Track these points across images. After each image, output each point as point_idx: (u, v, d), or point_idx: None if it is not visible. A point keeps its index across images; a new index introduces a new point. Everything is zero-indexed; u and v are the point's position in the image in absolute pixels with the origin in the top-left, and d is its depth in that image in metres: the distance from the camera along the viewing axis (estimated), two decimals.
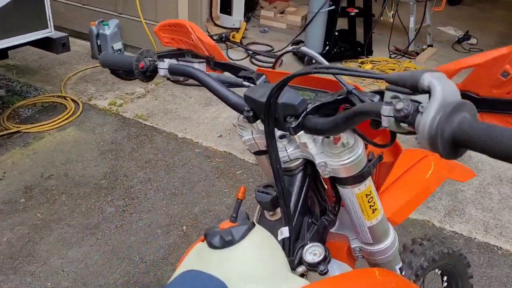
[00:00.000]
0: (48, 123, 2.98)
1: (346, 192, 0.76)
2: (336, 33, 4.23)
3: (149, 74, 0.93)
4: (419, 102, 0.52)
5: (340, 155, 0.70)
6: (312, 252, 0.74)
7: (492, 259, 2.22)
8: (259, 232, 0.72)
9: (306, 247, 0.75)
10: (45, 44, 2.86)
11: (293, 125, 0.68)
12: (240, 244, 0.68)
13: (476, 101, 0.59)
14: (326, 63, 0.72)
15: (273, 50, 4.49)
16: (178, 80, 0.93)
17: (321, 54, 4.15)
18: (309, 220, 0.80)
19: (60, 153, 2.76)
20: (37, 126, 2.96)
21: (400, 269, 0.91)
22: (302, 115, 0.68)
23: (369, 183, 0.75)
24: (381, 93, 0.68)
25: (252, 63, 4.22)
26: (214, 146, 2.92)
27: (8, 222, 2.25)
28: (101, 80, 3.65)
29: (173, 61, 0.92)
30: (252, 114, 0.74)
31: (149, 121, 3.15)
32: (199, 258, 0.71)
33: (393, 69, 4.19)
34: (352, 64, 4.31)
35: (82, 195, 2.45)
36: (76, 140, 2.89)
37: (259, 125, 0.78)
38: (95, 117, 3.15)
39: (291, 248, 0.76)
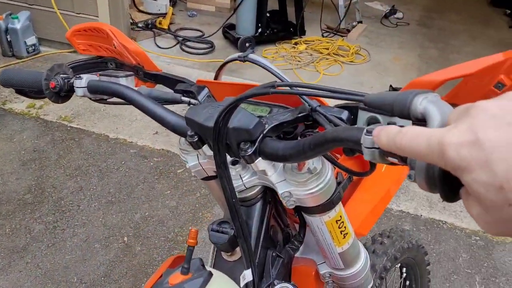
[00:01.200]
0: None
1: (314, 221, 0.65)
2: (268, 14, 4.12)
3: (64, 94, 0.76)
4: None
5: (307, 184, 0.59)
6: None
7: (439, 235, 2.26)
8: (218, 282, 0.59)
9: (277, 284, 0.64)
10: None
11: (249, 153, 0.56)
12: None
13: None
14: (284, 77, 0.60)
15: (203, 35, 4.29)
16: (101, 99, 0.77)
17: (254, 37, 4.03)
18: (273, 254, 0.69)
19: None
20: None
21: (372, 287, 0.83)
22: (260, 138, 0.56)
23: (339, 208, 0.65)
24: (349, 108, 0.58)
25: (183, 50, 4.01)
26: (150, 144, 2.73)
27: None
28: None
29: (93, 76, 0.76)
30: (197, 139, 0.61)
31: (75, 123, 2.88)
32: None
33: (327, 48, 4.16)
34: (286, 46, 4.23)
35: (5, 214, 2.18)
36: None
37: (206, 149, 0.65)
38: (12, 123, 2.83)
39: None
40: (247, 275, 0.63)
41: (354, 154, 0.53)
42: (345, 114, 0.57)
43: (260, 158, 0.58)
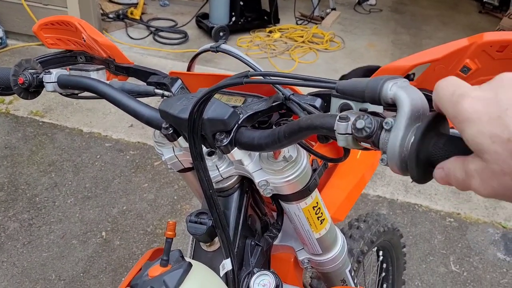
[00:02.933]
0: None
1: (292, 208, 0.66)
2: (241, 3, 4.09)
3: (33, 90, 0.74)
4: (382, 117, 0.43)
5: (283, 171, 0.60)
6: (261, 283, 0.64)
7: (414, 217, 2.31)
8: (198, 273, 0.60)
9: (253, 277, 0.64)
10: None
11: (225, 143, 0.56)
12: None
13: (430, 100, 0.52)
14: (257, 67, 0.60)
15: (176, 25, 4.24)
16: (72, 93, 0.76)
17: (228, 25, 4.00)
18: (252, 243, 0.69)
19: None
20: None
21: (349, 271, 0.85)
22: (235, 128, 0.56)
23: (315, 194, 0.66)
24: (322, 95, 0.58)
25: (156, 40, 3.95)
26: (125, 137, 2.70)
27: None
28: None
29: (63, 71, 0.74)
30: (172, 131, 0.60)
31: (47, 118, 2.82)
32: None
33: (302, 36, 4.17)
34: (260, 34, 4.21)
35: None
36: None
37: (181, 141, 0.64)
38: None
39: (236, 280, 0.65)
40: (227, 265, 0.63)
41: (328, 141, 0.54)
42: (318, 102, 0.57)
43: (236, 148, 0.58)
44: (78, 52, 0.86)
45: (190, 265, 0.59)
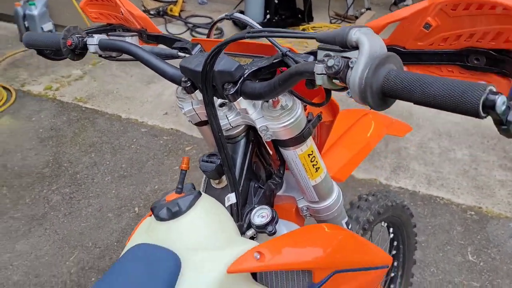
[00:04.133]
0: None
1: (289, 154, 0.77)
2: (276, 1, 4.21)
3: (78, 52, 0.88)
4: (349, 58, 0.53)
5: (280, 118, 0.71)
6: (260, 215, 0.75)
7: (435, 209, 2.35)
8: (206, 201, 0.71)
9: (254, 210, 0.76)
10: None
11: (231, 92, 0.67)
12: (188, 214, 0.68)
13: (402, 54, 0.61)
14: (258, 27, 0.71)
15: (213, 21, 4.40)
16: (110, 56, 0.89)
17: (262, 23, 4.13)
18: (255, 185, 0.80)
19: None
20: None
21: (346, 223, 0.94)
22: (240, 81, 0.67)
23: (310, 143, 0.77)
24: (314, 53, 0.69)
25: (193, 36, 4.13)
26: (160, 124, 2.87)
27: None
28: (33, 64, 3.45)
29: (103, 36, 0.88)
30: (190, 84, 0.72)
31: (89, 104, 3.03)
32: (148, 231, 0.70)
33: None
34: None
35: (25, 186, 2.34)
36: (12, 130, 2.74)
37: (198, 95, 0.76)
38: (30, 104, 2.99)
39: (239, 213, 0.77)
40: (231, 198, 0.75)
41: (313, 87, 0.64)
42: (311, 58, 0.67)
43: (241, 98, 0.69)
44: (116, 25, 1.00)
45: (200, 193, 0.71)
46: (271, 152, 0.86)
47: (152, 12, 4.36)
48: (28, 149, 2.59)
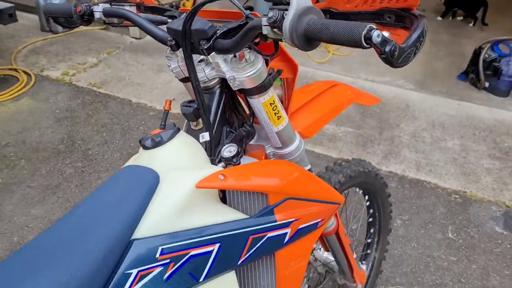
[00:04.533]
0: (1, 95, 3.02)
1: (254, 102, 0.93)
2: None
3: (86, 18, 1.06)
4: (285, 10, 0.70)
5: (245, 69, 0.87)
6: (228, 150, 0.92)
7: (421, 192, 2.49)
8: (184, 136, 0.88)
9: (224, 147, 0.93)
10: None
11: (205, 47, 0.84)
12: (168, 144, 0.85)
13: (336, 14, 0.78)
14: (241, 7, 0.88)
15: None
16: (112, 22, 1.07)
17: None
18: (227, 129, 0.97)
19: (16, 122, 2.83)
20: None
21: (309, 170, 1.10)
22: (213, 39, 0.84)
23: (271, 93, 0.93)
24: None
25: None
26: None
27: None
28: (52, 52, 3.68)
29: (107, 5, 1.06)
30: (174, 43, 0.89)
31: (103, 89, 3.24)
32: (135, 159, 0.88)
33: None
34: None
35: (41, 159, 2.55)
36: (31, 110, 2.96)
37: (181, 54, 0.94)
38: (48, 87, 3.21)
39: (212, 149, 0.93)
40: (205, 136, 0.91)
41: (266, 40, 0.80)
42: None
43: (214, 53, 0.86)
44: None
45: (179, 129, 0.88)
46: (244, 106, 1.03)
47: (166, 6, 4.56)
48: (45, 127, 2.80)
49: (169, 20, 1.02)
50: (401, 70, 3.85)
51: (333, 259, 1.49)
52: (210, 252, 0.80)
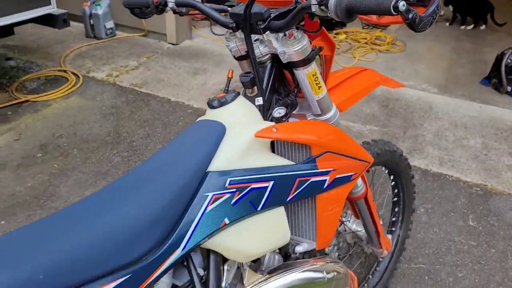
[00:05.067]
0: (54, 93, 3.32)
1: (300, 74, 1.13)
2: None
3: (160, 8, 1.29)
4: None
5: (293, 45, 1.08)
6: (278, 112, 1.12)
7: (443, 184, 2.64)
8: (243, 98, 1.09)
9: (274, 109, 1.13)
10: (47, 20, 3.18)
11: (262, 27, 1.05)
12: (231, 104, 1.06)
13: None
14: None
15: None
16: (181, 12, 1.29)
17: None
18: (277, 97, 1.18)
19: (67, 117, 3.10)
20: (44, 96, 3.29)
21: None
22: (268, 20, 1.05)
23: (314, 66, 1.13)
24: None
25: None
26: (203, 107, 3.29)
27: (29, 172, 2.59)
28: (97, 56, 3.98)
29: None
30: (235, 25, 1.11)
31: (144, 89, 3.50)
32: (203, 117, 1.09)
33: (365, 38, 4.58)
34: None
35: (91, 149, 2.80)
36: (80, 106, 3.24)
37: (240, 35, 1.15)
38: (94, 87, 3.49)
39: (264, 110, 1.14)
40: (260, 100, 1.12)
41: (312, 18, 1.00)
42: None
43: (268, 32, 1.07)
44: None
45: (239, 93, 1.09)
46: (290, 84, 1.24)
47: (198, 17, 4.85)
48: (93, 121, 3.06)
49: (228, 8, 1.24)
50: (424, 75, 4.01)
51: (361, 229, 1.66)
52: (266, 187, 1.00)
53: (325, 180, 1.11)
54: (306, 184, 1.07)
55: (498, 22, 5.18)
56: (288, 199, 1.05)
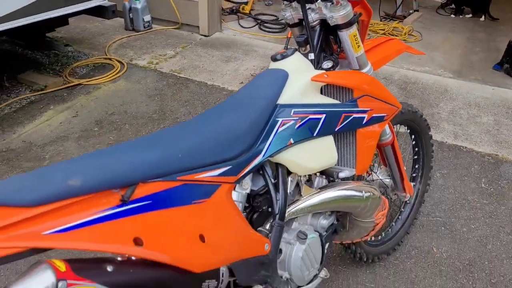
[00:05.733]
0: (103, 77, 3.68)
1: (343, 34, 1.44)
2: None
3: None
4: None
5: (339, 10, 1.39)
6: (326, 64, 1.44)
7: (458, 154, 2.92)
8: (299, 54, 1.41)
9: (324, 62, 1.45)
10: (98, 11, 3.54)
11: None
12: (291, 57, 1.37)
13: None
14: None
15: (277, 19, 5.16)
16: None
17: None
18: (324, 55, 1.49)
19: (116, 98, 3.46)
20: (94, 80, 3.65)
21: None
22: None
23: (354, 28, 1.44)
24: None
25: (261, 29, 4.90)
26: (237, 89, 3.61)
27: (89, 142, 2.95)
28: (137, 46, 4.34)
29: None
30: None
31: (182, 74, 3.84)
32: (269, 67, 1.41)
33: (383, 29, 4.87)
34: None
35: (141, 124, 3.15)
36: (127, 89, 3.59)
37: (294, 5, 1.47)
38: (138, 73, 3.84)
39: (315, 62, 1.45)
40: (311, 55, 1.43)
41: None
42: None
43: (319, 1, 1.39)
44: None
45: (296, 49, 1.41)
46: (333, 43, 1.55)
47: (227, 11, 5.19)
48: (140, 102, 3.41)
49: None
50: (440, 62, 4.28)
51: (387, 178, 1.96)
52: (320, 119, 1.32)
53: (364, 117, 1.42)
54: (349, 119, 1.38)
55: (493, 16, 5.45)
56: (336, 129, 1.36)
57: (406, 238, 2.22)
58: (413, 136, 2.15)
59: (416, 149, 2.19)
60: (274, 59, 1.40)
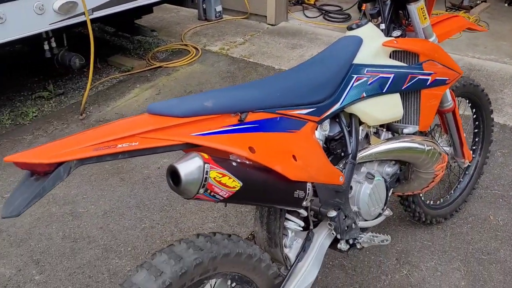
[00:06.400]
0: (180, 61, 4.05)
1: (412, 8, 1.64)
2: None
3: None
4: None
5: None
6: (396, 33, 1.64)
7: None
8: (372, 24, 1.63)
9: (394, 31, 1.65)
10: (179, 0, 3.91)
11: None
12: (365, 26, 1.59)
13: None
14: None
15: (341, 9, 5.34)
16: None
17: None
18: (394, 26, 1.70)
19: (193, 79, 3.81)
20: (173, 63, 4.03)
21: None
22: None
23: (422, 1, 1.63)
24: None
25: (325, 19, 5.10)
26: None
27: None
28: (209, 34, 4.69)
29: None
30: None
31: (251, 59, 4.14)
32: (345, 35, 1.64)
33: None
34: None
35: None
36: (202, 71, 3.94)
37: None
38: (211, 57, 4.18)
39: (386, 34, 1.66)
40: (382, 26, 1.64)
41: None
42: None
43: None
44: None
45: (369, 20, 1.63)
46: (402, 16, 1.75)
47: (293, 1, 5.44)
48: (214, 82, 3.74)
49: None
50: (506, 51, 4.28)
51: (447, 146, 2.12)
52: (389, 78, 1.53)
53: (428, 79, 1.62)
54: (415, 80, 1.59)
55: None
56: (403, 87, 1.57)
57: (464, 206, 2.37)
58: (474, 110, 2.28)
59: (477, 122, 2.32)
60: (350, 28, 1.62)
